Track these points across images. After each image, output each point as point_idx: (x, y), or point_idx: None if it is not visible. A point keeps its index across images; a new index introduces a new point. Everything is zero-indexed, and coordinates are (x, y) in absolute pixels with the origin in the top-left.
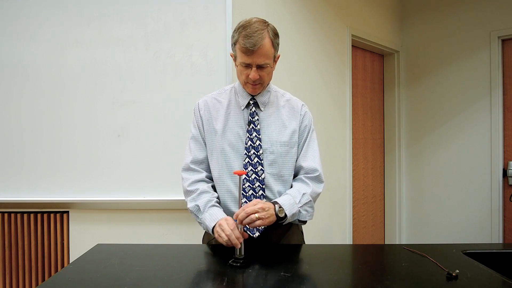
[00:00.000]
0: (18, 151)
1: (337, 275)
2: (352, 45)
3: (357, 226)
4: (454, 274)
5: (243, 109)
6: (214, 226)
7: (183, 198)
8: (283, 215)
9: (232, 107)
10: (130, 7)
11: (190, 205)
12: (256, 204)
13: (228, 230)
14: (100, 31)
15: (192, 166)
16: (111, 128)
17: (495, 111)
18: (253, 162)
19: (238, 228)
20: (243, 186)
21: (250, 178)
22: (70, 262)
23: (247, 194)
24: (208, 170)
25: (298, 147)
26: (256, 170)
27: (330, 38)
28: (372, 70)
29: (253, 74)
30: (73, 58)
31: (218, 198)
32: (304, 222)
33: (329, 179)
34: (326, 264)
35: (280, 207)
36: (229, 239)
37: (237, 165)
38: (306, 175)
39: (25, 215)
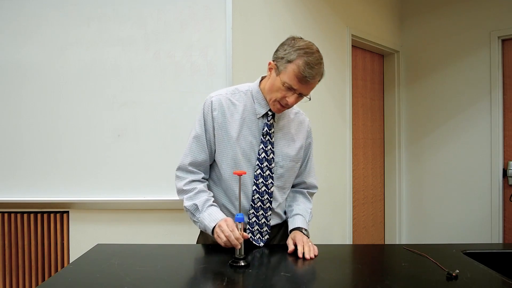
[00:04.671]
0: (18, 151)
1: (337, 275)
2: (352, 45)
3: (357, 226)
4: (454, 274)
5: (258, 118)
6: (214, 227)
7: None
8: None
9: (247, 113)
10: (130, 7)
11: (187, 203)
12: (308, 242)
13: (227, 231)
14: (100, 31)
15: (190, 168)
16: (111, 128)
17: (495, 111)
18: (264, 174)
19: (238, 229)
20: (252, 198)
21: (260, 190)
22: (70, 262)
23: (256, 206)
24: (206, 172)
25: (302, 162)
26: (267, 183)
27: (330, 38)
28: (372, 70)
29: (292, 100)
30: (73, 58)
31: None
32: None
33: (329, 179)
34: (326, 264)
35: (308, 233)
36: (228, 240)
37: (249, 176)
38: (308, 190)
39: (25, 215)
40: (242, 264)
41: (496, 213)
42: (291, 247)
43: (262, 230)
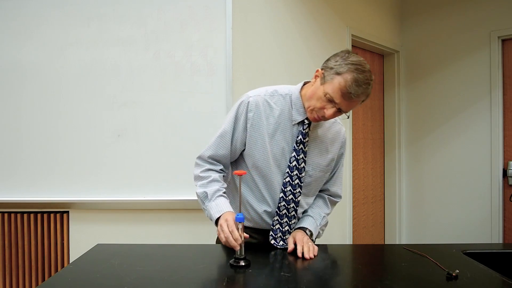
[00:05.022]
0: (18, 151)
1: (337, 275)
2: (352, 45)
3: (357, 226)
4: (454, 274)
5: (293, 124)
6: (218, 218)
7: (183, 198)
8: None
9: (283, 119)
10: (130, 7)
11: (198, 190)
12: (308, 242)
13: (226, 232)
14: (100, 31)
15: (210, 160)
16: (111, 128)
17: (495, 111)
18: (293, 183)
19: (238, 229)
20: (278, 205)
21: (287, 198)
22: (70, 262)
23: (281, 213)
24: (226, 165)
25: (331, 172)
26: (295, 191)
27: (330, 38)
28: (372, 70)
29: (330, 113)
30: (73, 58)
31: (225, 188)
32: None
33: None
34: (326, 264)
35: (311, 234)
36: (227, 240)
37: (277, 181)
38: (330, 197)
39: (25, 215)
40: (242, 264)
41: (496, 213)
42: (290, 246)
43: (285, 237)
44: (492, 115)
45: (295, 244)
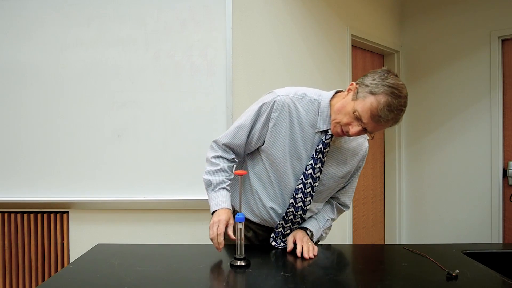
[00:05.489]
0: (18, 151)
1: (337, 275)
2: (352, 45)
3: (357, 226)
4: (454, 274)
5: (316, 132)
6: (214, 211)
7: (183, 198)
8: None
9: (306, 124)
10: (130, 7)
11: (205, 177)
12: (307, 242)
13: (214, 234)
14: (100, 31)
15: (224, 147)
16: (111, 128)
17: (495, 111)
18: (305, 191)
19: (237, 229)
20: (286, 210)
21: (296, 205)
22: (70, 262)
23: (287, 218)
24: (238, 154)
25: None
26: (305, 199)
27: (330, 38)
28: (372, 70)
29: (355, 131)
30: (73, 58)
31: (231, 180)
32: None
33: None
34: (326, 264)
35: (312, 235)
36: (212, 240)
37: (290, 185)
38: (338, 205)
39: (25, 215)
40: (242, 264)
41: (496, 213)
42: (290, 245)
43: (284, 239)
44: (492, 115)
45: (295, 244)
